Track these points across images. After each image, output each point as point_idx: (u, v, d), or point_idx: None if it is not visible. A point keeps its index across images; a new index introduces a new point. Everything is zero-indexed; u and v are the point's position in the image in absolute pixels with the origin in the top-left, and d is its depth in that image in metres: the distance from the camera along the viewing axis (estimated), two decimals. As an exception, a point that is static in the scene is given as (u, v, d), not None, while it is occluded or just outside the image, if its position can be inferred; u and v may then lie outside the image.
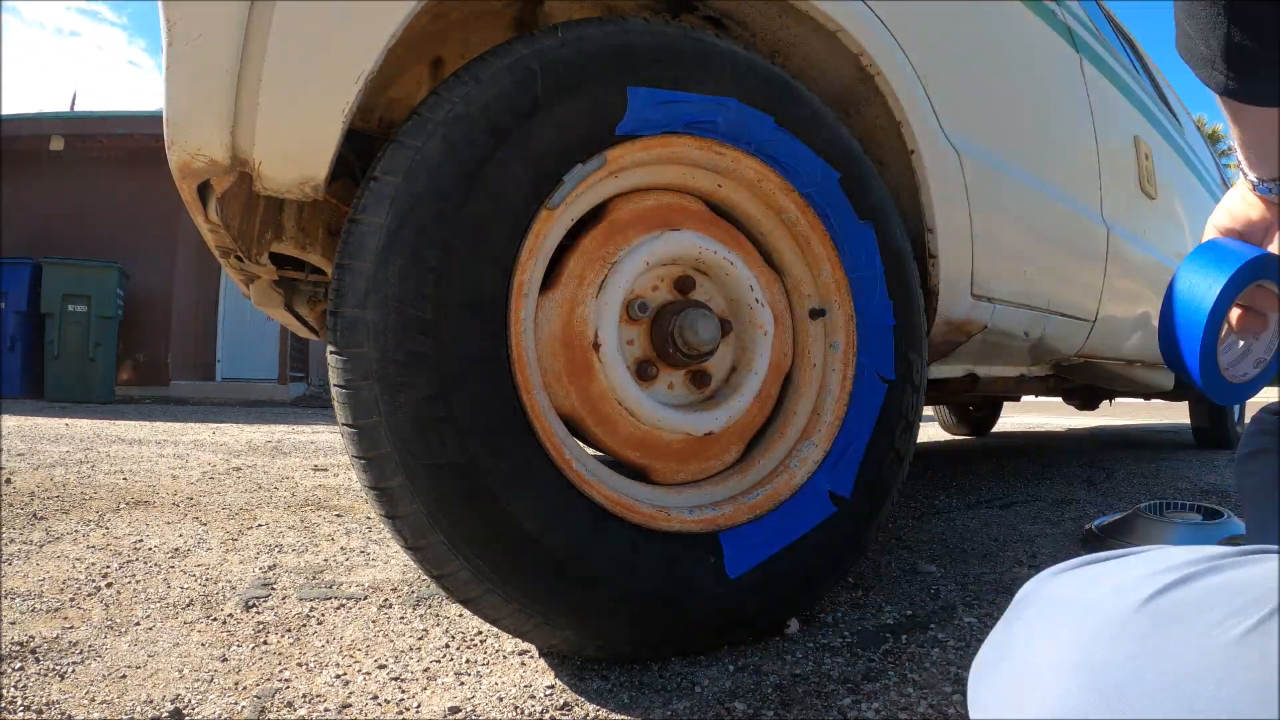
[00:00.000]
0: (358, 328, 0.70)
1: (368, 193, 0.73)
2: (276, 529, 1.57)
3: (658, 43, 0.87)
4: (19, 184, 7.67)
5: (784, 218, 1.01)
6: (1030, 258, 1.46)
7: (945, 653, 0.89)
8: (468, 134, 0.75)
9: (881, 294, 1.04)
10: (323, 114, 0.72)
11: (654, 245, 0.91)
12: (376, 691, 0.79)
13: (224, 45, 0.69)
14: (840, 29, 1.02)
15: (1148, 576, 0.38)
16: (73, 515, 1.62)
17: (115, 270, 6.85)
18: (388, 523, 0.73)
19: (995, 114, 1.41)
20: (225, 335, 8.41)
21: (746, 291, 0.96)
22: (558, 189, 0.81)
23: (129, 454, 2.78)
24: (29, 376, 6.66)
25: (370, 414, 0.70)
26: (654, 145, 0.88)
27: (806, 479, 0.96)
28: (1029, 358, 1.68)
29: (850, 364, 1.02)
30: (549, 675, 0.83)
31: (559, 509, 0.77)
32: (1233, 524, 1.41)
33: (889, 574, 1.24)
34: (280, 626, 0.99)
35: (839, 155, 1.01)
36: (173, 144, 0.71)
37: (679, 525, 0.86)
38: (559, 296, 0.86)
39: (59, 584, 1.13)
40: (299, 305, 1.45)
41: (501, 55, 0.79)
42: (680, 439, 0.92)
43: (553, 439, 0.79)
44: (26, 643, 0.89)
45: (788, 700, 0.77)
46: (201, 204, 0.89)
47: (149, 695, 0.77)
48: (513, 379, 0.76)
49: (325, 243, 1.18)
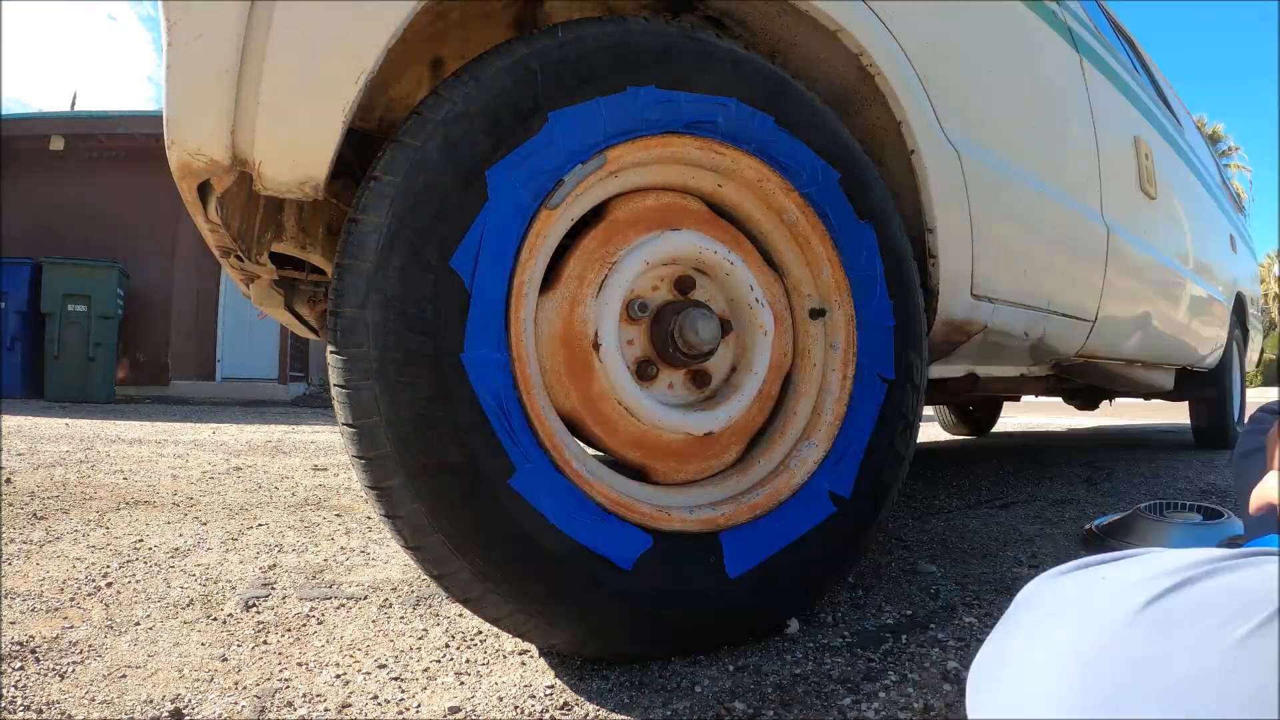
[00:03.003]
0: (358, 328, 0.70)
1: (368, 193, 0.73)
2: (276, 529, 1.57)
3: (658, 42, 0.87)
4: (19, 184, 7.67)
5: (784, 218, 1.01)
6: (1030, 258, 1.46)
7: (945, 653, 0.89)
8: (468, 134, 0.75)
9: (881, 294, 1.04)
10: (323, 114, 0.72)
11: (654, 245, 0.91)
12: (376, 691, 0.79)
13: (224, 45, 0.69)
14: (840, 29, 1.02)
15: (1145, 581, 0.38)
16: (73, 515, 1.62)
17: (115, 270, 6.85)
18: (388, 523, 0.73)
19: (996, 114, 1.41)
20: (225, 335, 8.41)
21: (746, 291, 0.96)
22: (558, 189, 0.81)
23: (129, 454, 2.78)
24: (29, 376, 6.66)
25: (370, 414, 0.70)
26: (654, 145, 0.88)
27: (806, 479, 0.96)
28: (1029, 358, 1.68)
29: (850, 364, 1.02)
30: (549, 675, 0.83)
31: (559, 509, 0.77)
32: (1233, 524, 1.41)
33: (889, 574, 1.24)
34: (280, 626, 0.99)
35: (839, 155, 1.01)
36: (173, 144, 0.71)
37: (679, 525, 0.86)
38: (559, 296, 0.86)
39: (59, 584, 1.13)
40: (299, 305, 1.45)
41: (501, 55, 0.79)
42: (680, 439, 0.92)
43: (553, 439, 0.79)
44: (26, 643, 0.89)
45: (788, 700, 0.77)
46: (201, 204, 0.89)
47: (149, 695, 0.77)
48: (513, 378, 0.76)
49: (325, 243, 1.18)
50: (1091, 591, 0.40)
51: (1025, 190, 1.45)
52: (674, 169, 0.94)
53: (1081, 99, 1.76)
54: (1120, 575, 0.40)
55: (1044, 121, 1.62)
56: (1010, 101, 1.48)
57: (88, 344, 6.65)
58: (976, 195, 1.24)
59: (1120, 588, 0.38)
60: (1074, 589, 0.41)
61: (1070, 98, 1.72)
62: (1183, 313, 2.40)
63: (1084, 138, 1.74)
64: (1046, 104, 1.64)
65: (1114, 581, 0.39)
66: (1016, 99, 1.51)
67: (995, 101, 1.42)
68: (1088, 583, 0.41)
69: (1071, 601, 0.40)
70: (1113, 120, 1.93)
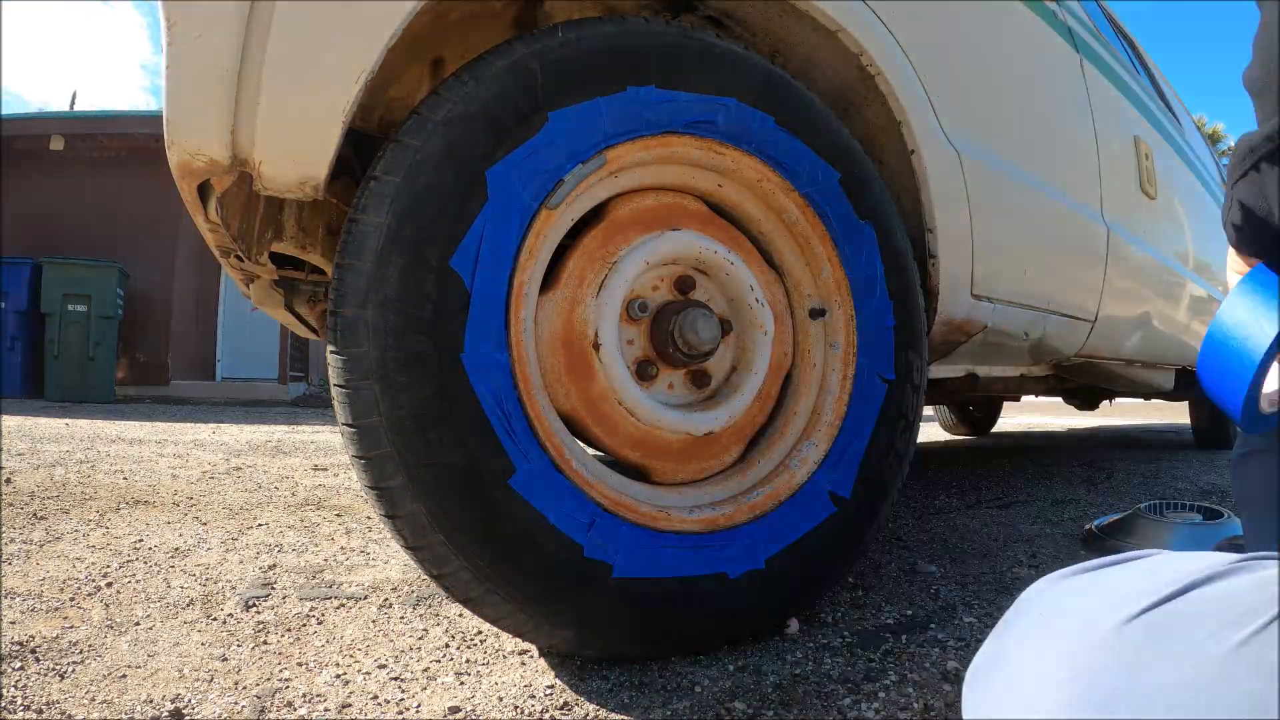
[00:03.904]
0: (358, 328, 0.70)
1: (368, 193, 0.73)
2: (276, 529, 1.57)
3: (658, 42, 0.87)
4: (19, 184, 7.67)
5: (784, 218, 1.01)
6: (1030, 258, 1.46)
7: (945, 653, 0.89)
8: (468, 134, 0.75)
9: (881, 294, 1.04)
10: (323, 114, 0.72)
11: (654, 245, 0.91)
12: (376, 691, 0.79)
13: (224, 45, 0.69)
14: (840, 29, 1.02)
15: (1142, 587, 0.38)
16: (73, 515, 1.62)
17: (115, 270, 6.85)
18: (388, 523, 0.73)
19: (995, 114, 1.41)
20: (225, 335, 8.41)
21: (746, 291, 0.96)
22: (558, 189, 0.81)
23: (129, 453, 2.78)
24: (29, 376, 6.65)
25: (370, 414, 0.70)
26: (654, 145, 0.88)
27: (806, 479, 0.96)
28: (1029, 358, 1.68)
29: (850, 364, 1.02)
30: (549, 675, 0.83)
31: (559, 509, 0.77)
32: (1232, 524, 1.41)
33: (889, 574, 1.24)
34: (280, 626, 0.99)
35: (839, 155, 1.01)
36: (173, 144, 0.71)
37: (679, 525, 0.86)
38: (559, 296, 0.86)
39: (59, 584, 1.13)
40: (299, 305, 1.45)
41: (501, 55, 0.79)
42: (680, 439, 0.92)
43: (553, 439, 0.79)
44: (26, 643, 0.89)
45: (788, 700, 0.77)
46: (201, 204, 0.89)
47: (149, 695, 0.77)
48: (513, 379, 0.76)
49: (325, 243, 1.18)
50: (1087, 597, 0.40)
51: (1025, 190, 1.45)
52: (674, 169, 0.94)
53: (1081, 99, 1.76)
54: (1116, 581, 0.40)
55: (1044, 121, 1.62)
56: (1010, 101, 1.48)
57: (88, 344, 6.65)
58: (976, 195, 1.24)
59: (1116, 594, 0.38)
60: (1070, 594, 0.41)
61: (1070, 98, 1.72)
62: (1183, 312, 2.40)
63: (1084, 138, 1.74)
64: (1046, 104, 1.64)
65: (1110, 587, 0.39)
66: (1016, 99, 1.51)
67: (995, 101, 1.42)
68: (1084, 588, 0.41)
69: (1067, 606, 0.40)
70: (1112, 120, 1.93)
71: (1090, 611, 0.38)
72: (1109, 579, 0.41)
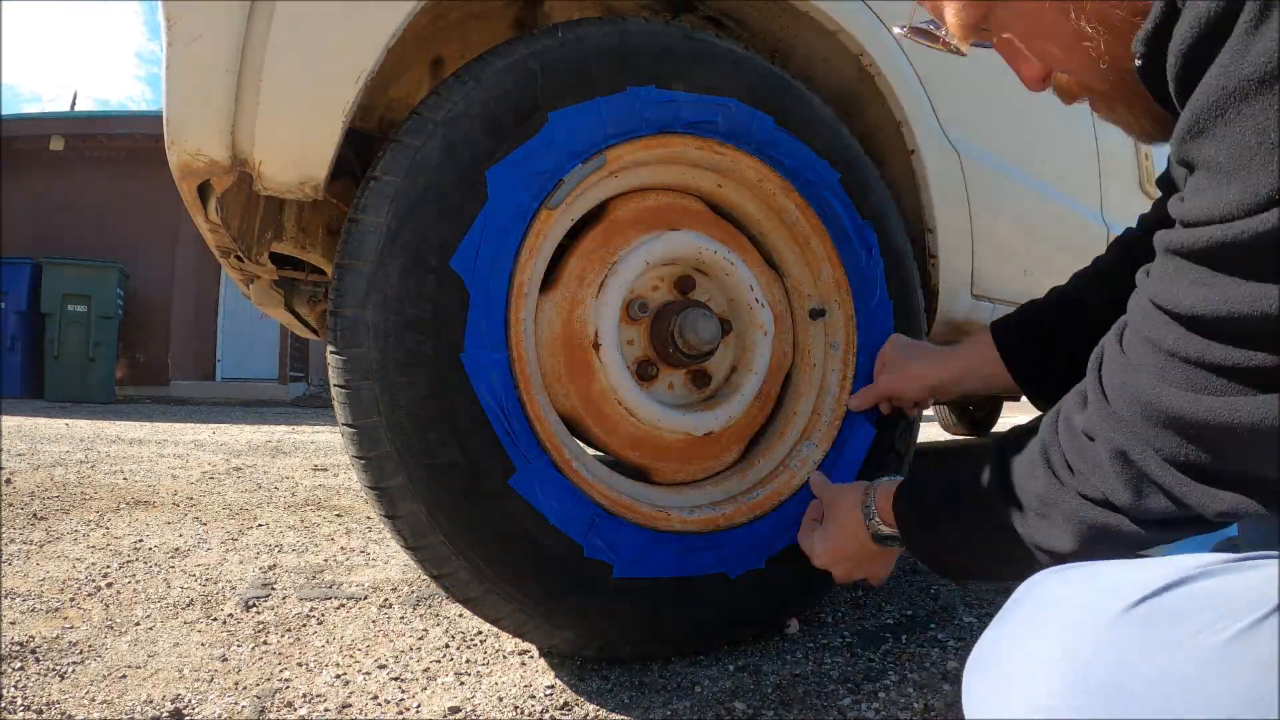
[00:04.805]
0: (358, 328, 0.70)
1: (368, 193, 0.73)
2: (276, 529, 1.57)
3: (658, 43, 0.87)
4: (19, 184, 7.67)
5: (784, 218, 1.01)
6: (1031, 258, 1.46)
7: (945, 652, 0.89)
8: (468, 134, 0.75)
9: (881, 294, 1.04)
10: (323, 114, 0.72)
11: (654, 245, 0.90)
12: (376, 691, 0.79)
13: (224, 45, 0.69)
14: (840, 29, 1.02)
15: (1141, 580, 0.38)
16: (73, 515, 1.62)
17: (115, 270, 6.85)
18: (388, 523, 0.73)
19: (995, 114, 1.41)
20: (225, 335, 8.42)
21: (746, 291, 0.96)
22: (558, 189, 0.81)
23: (129, 454, 2.78)
24: (29, 376, 6.66)
25: (370, 414, 0.70)
26: (654, 145, 0.88)
27: (806, 479, 0.96)
28: (1029, 358, 1.67)
29: (850, 364, 1.02)
30: (549, 675, 0.83)
31: (559, 509, 0.77)
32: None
33: (889, 574, 1.24)
34: (280, 626, 0.99)
35: (839, 155, 1.01)
36: (173, 144, 0.71)
37: (679, 525, 0.86)
38: (559, 296, 0.86)
39: (59, 584, 1.13)
40: (299, 305, 1.44)
41: (501, 55, 0.79)
42: (680, 439, 0.92)
43: (553, 439, 0.79)
44: (26, 643, 0.89)
45: (788, 700, 0.77)
46: (201, 204, 0.88)
47: (149, 695, 0.77)
48: (513, 379, 0.76)
49: (325, 243, 1.18)
50: (1083, 589, 0.40)
51: (1025, 190, 1.45)
52: (674, 169, 0.94)
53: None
54: (1114, 573, 0.40)
55: (1044, 121, 1.62)
56: (1010, 101, 1.48)
57: (88, 344, 6.65)
58: (976, 195, 1.24)
59: (1114, 584, 0.39)
60: (1066, 586, 0.42)
61: (1070, 98, 1.72)
62: (1183, 312, 2.40)
63: (1084, 137, 1.75)
64: (1046, 104, 1.64)
65: (1106, 580, 0.40)
66: (1016, 99, 1.51)
67: (995, 101, 1.42)
68: (1080, 581, 0.41)
69: (1063, 599, 0.40)
70: (1113, 120, 1.93)
71: (1088, 601, 0.38)
72: (1107, 572, 0.41)
